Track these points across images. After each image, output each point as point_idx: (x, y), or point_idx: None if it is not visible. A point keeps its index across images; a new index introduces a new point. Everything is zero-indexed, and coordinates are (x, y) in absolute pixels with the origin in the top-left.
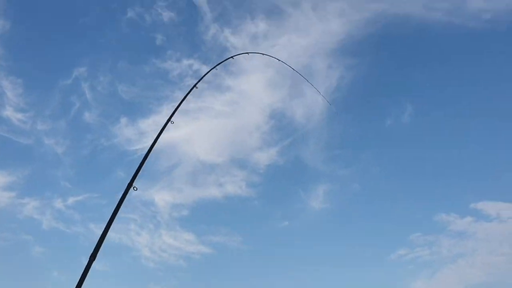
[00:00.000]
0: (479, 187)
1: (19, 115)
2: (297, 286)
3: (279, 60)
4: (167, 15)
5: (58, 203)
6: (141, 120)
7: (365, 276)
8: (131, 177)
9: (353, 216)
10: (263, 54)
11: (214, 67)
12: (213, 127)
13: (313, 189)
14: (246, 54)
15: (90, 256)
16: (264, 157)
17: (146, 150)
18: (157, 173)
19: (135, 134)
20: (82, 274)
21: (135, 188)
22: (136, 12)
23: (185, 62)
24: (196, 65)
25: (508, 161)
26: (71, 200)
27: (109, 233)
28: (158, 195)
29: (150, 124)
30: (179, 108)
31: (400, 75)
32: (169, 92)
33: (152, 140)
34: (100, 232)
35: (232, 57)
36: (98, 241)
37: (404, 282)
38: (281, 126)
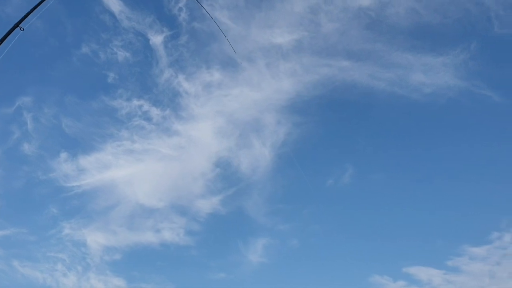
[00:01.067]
0: (412, 251)
1: None
2: None
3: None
4: (122, 55)
5: None
6: (82, 156)
7: None
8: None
9: (289, 273)
10: None
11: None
12: (156, 170)
13: (252, 242)
14: None
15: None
16: (206, 205)
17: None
18: (92, 212)
19: (74, 170)
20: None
21: None
22: (90, 48)
23: (135, 102)
24: (146, 106)
25: (442, 228)
26: None
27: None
28: (91, 236)
29: (91, 162)
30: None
31: (344, 138)
32: (115, 130)
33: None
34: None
35: None
36: None
37: None
38: (226, 175)
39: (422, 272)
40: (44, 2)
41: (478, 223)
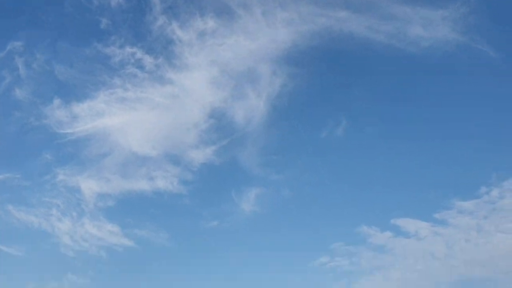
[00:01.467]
0: (401, 203)
1: None
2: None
3: None
4: (115, 0)
5: None
6: (76, 103)
7: (287, 281)
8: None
9: (281, 222)
10: None
11: None
12: (149, 118)
13: (245, 192)
14: None
15: None
16: (200, 155)
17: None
18: (86, 160)
19: (68, 117)
20: None
21: None
22: None
23: (128, 49)
24: (139, 54)
25: (431, 182)
26: None
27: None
28: (85, 183)
29: (85, 109)
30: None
31: (339, 90)
32: (108, 78)
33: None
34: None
35: None
36: None
37: None
38: (220, 126)
39: (409, 224)
40: None
41: (468, 177)
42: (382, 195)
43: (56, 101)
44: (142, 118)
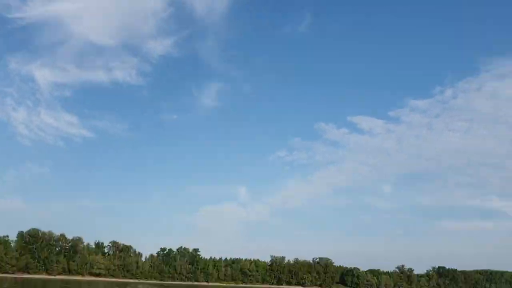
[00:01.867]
0: (358, 101)
1: None
2: (183, 183)
3: None
4: None
5: None
6: None
7: (245, 173)
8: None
9: (241, 117)
10: None
11: None
12: (106, 5)
13: (206, 86)
14: None
15: None
16: (159, 47)
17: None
18: (39, 47)
19: (16, 0)
20: None
21: None
22: None
23: None
24: None
25: (387, 80)
26: None
27: None
28: (39, 72)
29: None
30: None
31: None
32: None
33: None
34: None
35: None
36: None
37: (278, 180)
38: (179, 16)
39: (364, 121)
40: None
41: (424, 77)
42: (340, 93)
43: None
44: (98, 5)
